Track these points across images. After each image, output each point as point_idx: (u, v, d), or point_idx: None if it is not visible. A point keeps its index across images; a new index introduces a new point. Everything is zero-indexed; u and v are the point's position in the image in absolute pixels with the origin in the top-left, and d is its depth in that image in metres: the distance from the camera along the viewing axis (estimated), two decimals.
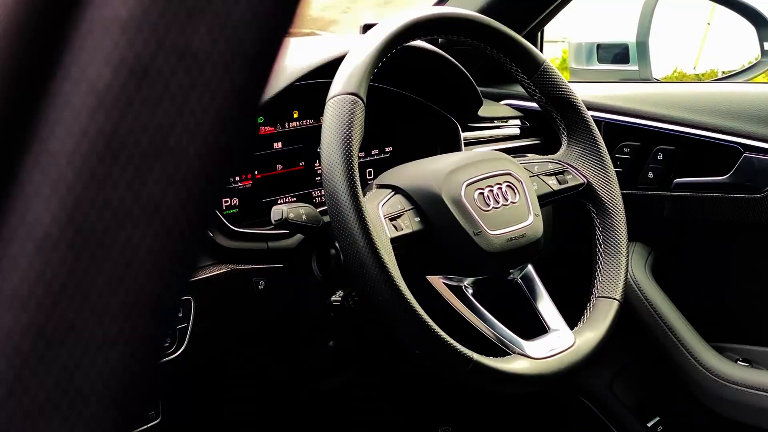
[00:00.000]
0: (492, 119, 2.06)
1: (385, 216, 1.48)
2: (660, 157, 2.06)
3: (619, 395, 2.24)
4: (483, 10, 2.06)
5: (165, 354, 1.48)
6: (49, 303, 0.43)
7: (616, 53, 2.68)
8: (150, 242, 0.44)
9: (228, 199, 1.72)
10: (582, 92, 2.13)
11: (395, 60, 1.63)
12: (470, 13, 1.67)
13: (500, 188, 1.59)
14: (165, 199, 0.43)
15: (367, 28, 1.74)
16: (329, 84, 1.49)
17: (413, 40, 1.62)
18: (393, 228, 1.48)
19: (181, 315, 1.51)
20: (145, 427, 1.60)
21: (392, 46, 1.54)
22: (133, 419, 0.47)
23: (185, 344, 1.51)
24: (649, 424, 2.23)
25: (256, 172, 1.76)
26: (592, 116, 2.04)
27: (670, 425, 2.23)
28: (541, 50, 2.38)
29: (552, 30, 2.49)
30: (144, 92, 0.42)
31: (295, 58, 1.73)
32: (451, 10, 1.66)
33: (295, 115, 1.80)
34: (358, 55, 1.49)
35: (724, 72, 3.17)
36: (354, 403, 2.28)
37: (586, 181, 1.74)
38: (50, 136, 0.42)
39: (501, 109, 2.15)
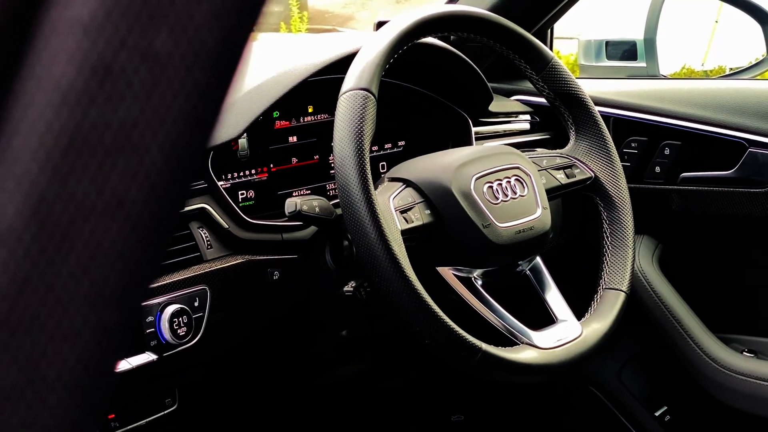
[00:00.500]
0: (502, 114, 2.06)
1: (396, 208, 1.48)
2: (667, 151, 2.05)
3: (627, 385, 2.24)
4: (493, 8, 2.06)
5: (183, 343, 1.49)
6: (14, 293, 0.43)
7: (625, 50, 2.68)
8: (114, 235, 0.44)
9: (244, 192, 1.72)
10: (591, 88, 2.13)
11: (408, 56, 1.63)
12: (480, 10, 1.67)
13: (509, 182, 1.59)
14: (129, 194, 0.44)
15: (380, 25, 1.74)
16: (342, 80, 1.49)
17: (424, 37, 1.62)
18: (404, 220, 1.48)
19: (197, 305, 1.52)
20: (162, 413, 1.61)
21: (403, 43, 1.54)
22: (99, 407, 0.48)
23: (201, 333, 1.52)
24: (656, 414, 2.23)
25: (271, 165, 1.76)
26: (600, 112, 2.04)
27: (677, 414, 2.23)
28: (551, 47, 2.37)
29: (567, 27, 2.49)
30: (107, 90, 0.43)
31: (309, 54, 1.74)
32: (461, 8, 1.66)
33: (310, 110, 1.81)
34: (370, 51, 1.50)
35: (731, 69, 3.17)
36: (366, 392, 2.28)
37: (593, 175, 1.74)
38: (15, 133, 0.43)
39: (511, 104, 2.15)
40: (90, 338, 0.45)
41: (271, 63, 1.76)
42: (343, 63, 1.54)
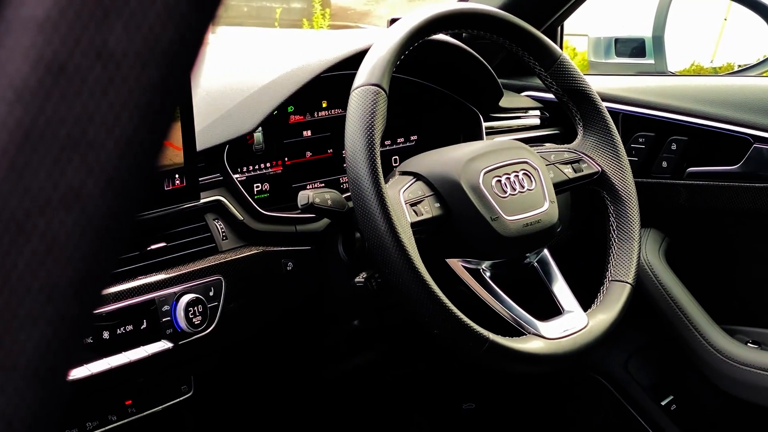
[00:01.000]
0: (513, 110, 2.06)
1: (406, 201, 1.49)
2: (674, 147, 2.05)
3: (634, 375, 2.24)
4: (504, 6, 2.06)
5: (198, 331, 1.50)
6: None
7: (633, 47, 2.68)
8: (70, 228, 0.44)
9: (259, 184, 1.73)
10: (600, 85, 2.13)
11: (420, 53, 1.64)
12: (489, 8, 1.67)
13: (517, 176, 1.59)
14: (85, 188, 0.44)
15: (392, 22, 1.74)
16: (355, 75, 1.49)
17: (435, 34, 1.62)
18: (413, 213, 1.49)
19: (212, 294, 1.52)
20: (178, 400, 1.62)
21: (414, 40, 1.54)
22: (58, 396, 0.48)
23: (216, 322, 1.52)
24: (662, 403, 2.22)
25: (286, 159, 1.76)
26: (609, 108, 2.04)
27: (682, 404, 2.23)
28: (561, 44, 2.37)
29: (579, 23, 2.49)
30: (62, 87, 0.43)
31: (322, 51, 1.75)
32: (471, 6, 1.66)
33: (324, 105, 1.81)
34: (382, 47, 1.50)
35: (739, 65, 3.17)
36: (379, 381, 2.29)
37: (600, 169, 1.74)
38: None
39: (522, 100, 2.15)
40: (47, 328, 0.45)
41: (286, 59, 1.77)
42: (356, 59, 1.54)
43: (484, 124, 1.97)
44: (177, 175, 1.50)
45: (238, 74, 1.77)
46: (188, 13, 0.45)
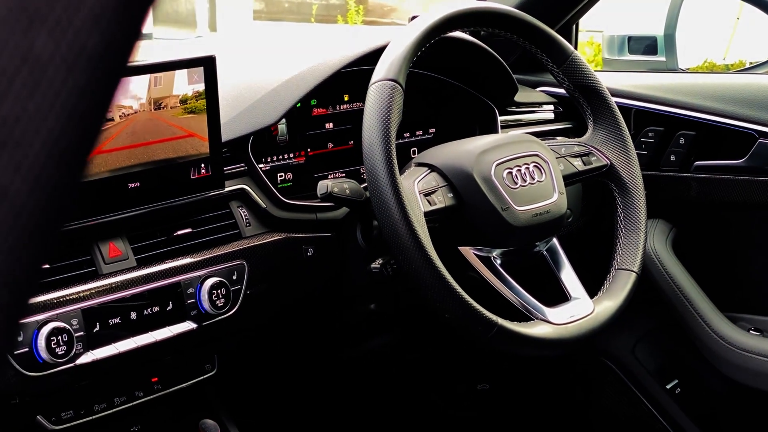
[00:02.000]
0: (528, 104, 2.06)
1: (420, 192, 1.49)
2: (682, 141, 2.04)
3: (640, 359, 2.23)
4: (521, 5, 2.05)
5: (221, 313, 1.51)
6: None
7: (646, 45, 2.67)
8: None
9: (283, 174, 1.74)
10: (613, 81, 2.13)
11: (439, 50, 1.64)
12: (504, 7, 1.67)
13: (528, 168, 1.59)
14: (12, 186, 0.44)
15: (413, 19, 1.74)
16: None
17: (451, 31, 1.62)
18: (427, 203, 1.49)
19: (235, 278, 1.54)
20: (202, 377, 1.64)
21: (430, 37, 1.54)
22: None
23: (238, 305, 1.53)
24: (668, 386, 2.22)
25: (309, 150, 1.77)
26: (622, 103, 2.04)
27: (687, 388, 2.22)
28: (576, 42, 2.36)
29: (596, 20, 2.48)
30: None
31: (343, 47, 1.75)
32: (486, 5, 1.66)
33: (346, 98, 1.82)
34: (399, 44, 1.50)
35: (750, 63, 3.15)
36: (396, 362, 2.29)
37: (609, 162, 1.73)
38: None
39: (536, 95, 2.14)
40: None
41: (310, 55, 1.78)
42: (375, 55, 1.54)
43: (500, 118, 1.97)
44: (203, 165, 1.51)
45: (263, 69, 1.78)
46: (114, 21, 0.45)
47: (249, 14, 11.42)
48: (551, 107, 2.11)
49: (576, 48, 2.39)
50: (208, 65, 1.49)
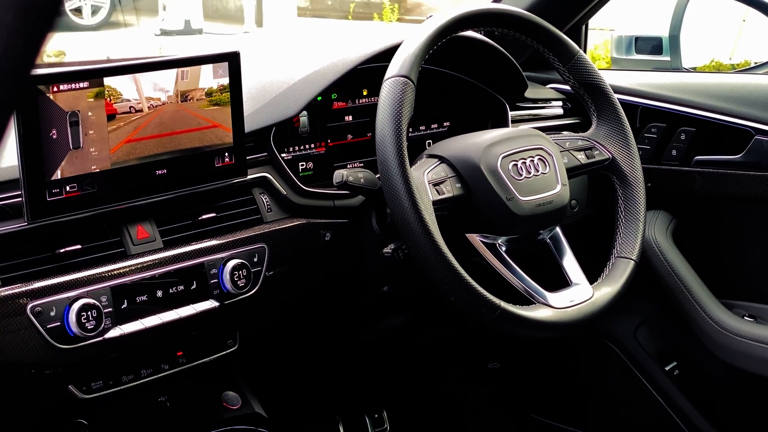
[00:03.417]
0: (537, 100, 2.05)
1: (429, 182, 1.50)
2: (683, 137, 2.04)
3: (641, 342, 2.23)
4: (531, 7, 2.05)
5: (242, 293, 1.52)
6: None
7: (653, 45, 2.65)
8: None
9: (304, 163, 1.74)
10: (621, 79, 2.13)
11: (454, 48, 1.65)
12: (513, 8, 1.67)
13: (532, 161, 1.59)
14: None
15: (428, 19, 1.74)
16: None
17: (461, 31, 1.62)
18: (436, 192, 1.49)
19: (256, 260, 1.55)
20: (225, 352, 1.65)
21: (442, 37, 1.54)
22: None
23: (258, 285, 1.55)
24: (666, 368, 2.22)
25: (329, 141, 1.78)
26: (629, 101, 2.04)
27: (684, 369, 2.22)
28: (586, 42, 2.35)
29: (606, 19, 2.47)
30: None
31: (361, 46, 1.76)
32: (496, 6, 1.66)
33: (365, 93, 1.82)
34: (412, 43, 1.51)
35: (755, 62, 3.13)
36: (410, 342, 2.30)
37: (611, 156, 1.73)
38: None
39: (546, 91, 2.14)
40: None
41: (333, 51, 1.79)
42: (391, 53, 1.54)
43: (511, 113, 1.97)
44: (227, 154, 1.53)
45: (287, 66, 1.79)
46: (14, 27, 0.44)
47: (294, 11, 11.46)
48: (560, 103, 2.10)
49: (586, 47, 2.39)
50: (232, 60, 1.50)
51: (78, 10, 8.90)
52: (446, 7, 1.59)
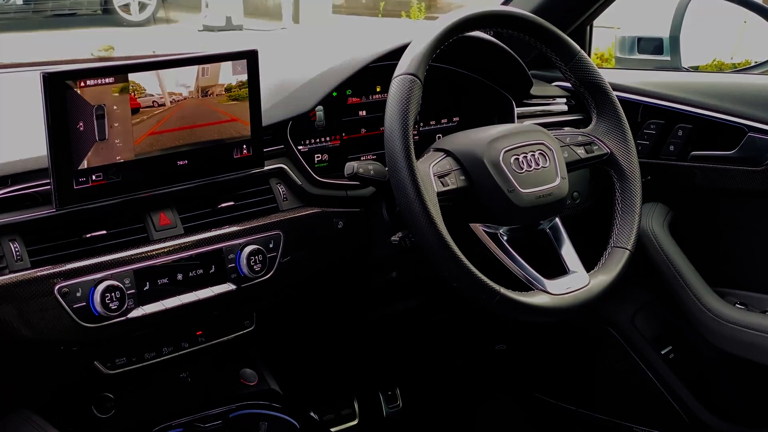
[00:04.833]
0: (543, 97, 2.05)
1: (434, 174, 1.50)
2: (680, 133, 2.03)
3: (639, 327, 2.23)
4: (536, 9, 2.04)
5: (258, 277, 1.53)
6: None
7: (654, 45, 2.64)
8: None
9: (319, 155, 1.75)
10: (624, 78, 2.13)
11: (463, 47, 1.66)
12: (518, 10, 1.66)
13: (533, 155, 1.58)
14: None
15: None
16: None
17: (468, 32, 1.61)
18: (440, 184, 1.50)
19: (272, 246, 1.56)
20: (242, 332, 1.66)
21: (449, 36, 1.54)
22: None
23: (274, 270, 1.56)
24: (662, 352, 2.22)
25: (343, 134, 1.78)
26: (631, 98, 2.04)
27: (679, 354, 2.22)
28: (590, 42, 2.34)
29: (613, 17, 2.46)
30: None
31: (373, 44, 1.76)
32: (501, 8, 1.65)
33: (378, 89, 1.82)
34: (420, 42, 1.51)
35: (756, 62, 3.10)
36: (418, 325, 2.31)
37: (609, 151, 1.72)
38: None
39: (551, 89, 2.13)
40: None
41: (348, 50, 1.79)
42: (402, 51, 1.55)
43: (517, 110, 1.96)
44: (245, 146, 1.54)
45: (305, 63, 1.80)
46: None
47: (329, 8, 11.47)
48: (564, 100, 2.09)
49: (590, 47, 2.38)
50: (251, 58, 1.51)
51: (126, 7, 8.95)
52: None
